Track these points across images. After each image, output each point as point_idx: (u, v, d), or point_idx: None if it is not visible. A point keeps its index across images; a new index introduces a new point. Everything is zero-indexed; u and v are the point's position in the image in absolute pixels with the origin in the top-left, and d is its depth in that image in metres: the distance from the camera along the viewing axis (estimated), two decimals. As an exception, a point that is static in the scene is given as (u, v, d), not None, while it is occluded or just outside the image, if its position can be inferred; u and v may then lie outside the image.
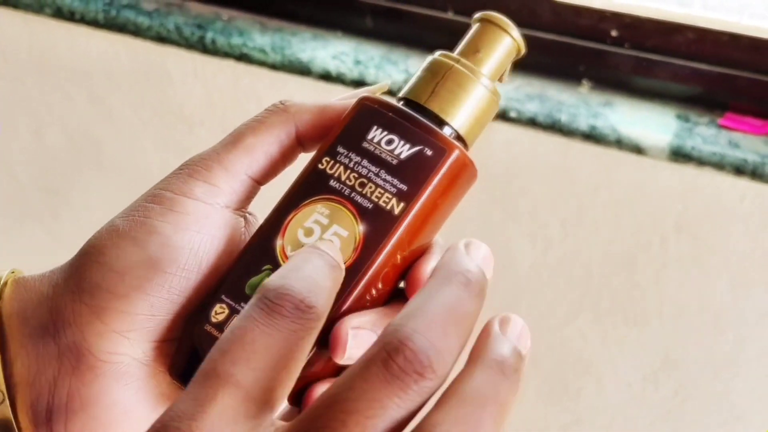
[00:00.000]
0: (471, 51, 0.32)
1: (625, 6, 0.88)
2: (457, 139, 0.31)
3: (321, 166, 0.30)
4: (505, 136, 0.91)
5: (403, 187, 0.29)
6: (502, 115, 0.88)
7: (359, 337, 0.28)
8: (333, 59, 0.94)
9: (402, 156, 0.29)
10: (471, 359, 0.23)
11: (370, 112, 0.31)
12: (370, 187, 0.29)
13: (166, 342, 0.30)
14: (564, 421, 1.11)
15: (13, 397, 0.29)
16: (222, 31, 0.98)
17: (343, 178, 0.30)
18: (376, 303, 0.30)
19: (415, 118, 0.30)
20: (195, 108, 1.08)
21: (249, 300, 0.28)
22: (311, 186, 0.30)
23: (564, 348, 1.04)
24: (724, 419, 1.01)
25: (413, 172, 0.29)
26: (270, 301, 0.23)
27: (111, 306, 0.29)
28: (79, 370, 0.29)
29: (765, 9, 0.87)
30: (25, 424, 0.29)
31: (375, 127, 0.30)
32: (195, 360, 0.28)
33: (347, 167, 0.30)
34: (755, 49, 0.85)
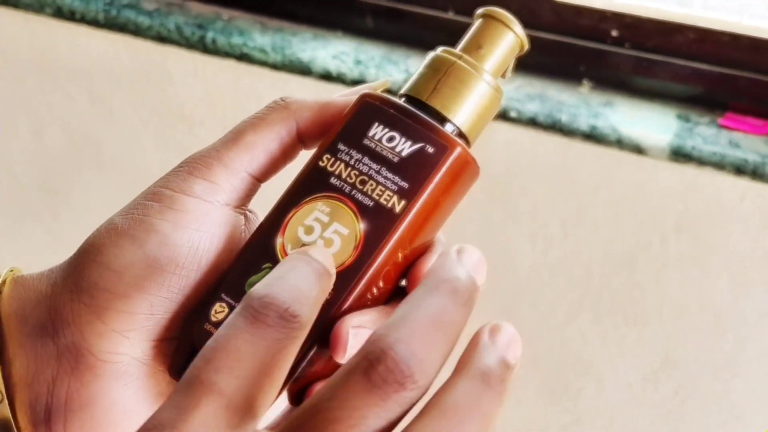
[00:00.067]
0: (473, 47, 0.31)
1: (626, 6, 0.88)
2: (459, 137, 0.31)
3: (322, 163, 0.30)
4: (506, 136, 0.91)
5: (405, 185, 0.29)
6: (502, 115, 0.88)
7: (360, 337, 0.28)
8: (333, 59, 0.94)
9: (403, 153, 0.29)
10: (456, 369, 0.23)
11: (371, 109, 0.30)
12: (371, 185, 0.29)
13: (165, 341, 0.30)
14: (564, 421, 1.11)
15: (12, 397, 0.29)
16: (222, 31, 0.98)
17: (344, 175, 0.29)
18: (377, 302, 0.29)
19: (417, 115, 0.30)
20: (195, 108, 1.08)
21: None
22: (312, 183, 0.30)
23: (564, 348, 1.04)
24: (724, 419, 1.01)
25: (415, 169, 0.29)
26: (254, 310, 0.23)
27: (110, 305, 0.29)
28: (78, 370, 0.29)
29: (765, 9, 0.87)
30: (24, 424, 0.29)
31: (376, 124, 0.30)
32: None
33: (348, 165, 0.29)
34: (755, 49, 0.85)
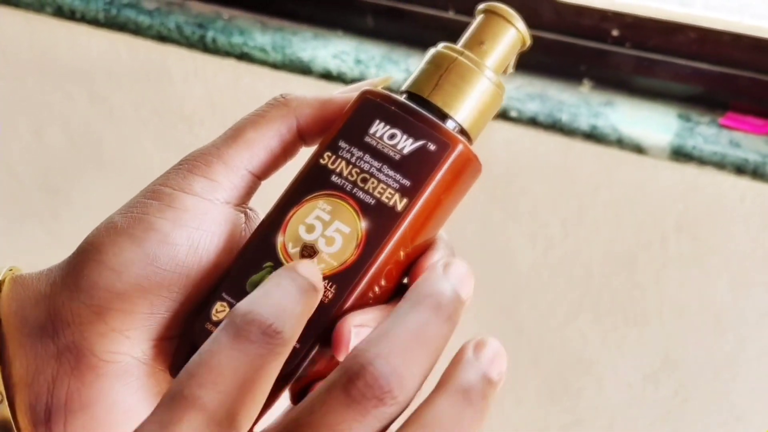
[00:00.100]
0: (475, 43, 0.31)
1: (627, 6, 0.88)
2: (461, 133, 0.30)
3: (322, 161, 0.30)
4: (506, 135, 0.91)
5: (406, 183, 0.28)
6: (502, 115, 0.88)
7: (362, 335, 0.27)
8: (334, 58, 0.94)
9: (405, 151, 0.29)
10: (438, 385, 0.23)
11: (372, 105, 0.30)
12: (372, 183, 0.29)
13: (165, 340, 0.30)
14: (564, 422, 1.11)
15: (12, 398, 0.29)
16: (223, 30, 0.98)
17: (345, 173, 0.29)
18: (378, 300, 0.29)
19: (418, 111, 0.30)
20: (196, 107, 1.08)
21: None
22: (312, 181, 0.29)
23: (564, 348, 1.04)
24: (724, 419, 1.01)
25: (416, 167, 0.29)
26: (238, 326, 0.23)
27: (110, 304, 0.28)
28: (79, 370, 0.29)
29: (766, 9, 0.87)
30: (24, 424, 0.29)
31: (377, 122, 0.30)
32: None
33: (349, 162, 0.29)
34: (756, 49, 0.85)
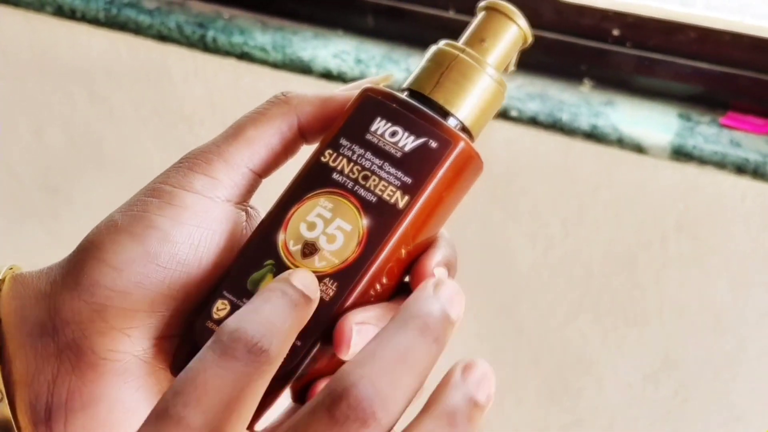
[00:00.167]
0: (476, 40, 0.31)
1: (627, 5, 0.88)
2: (463, 131, 0.30)
3: (324, 158, 0.30)
4: (506, 135, 0.90)
5: (408, 180, 0.28)
6: (503, 114, 0.88)
7: (363, 333, 0.27)
8: (334, 58, 0.94)
9: (406, 148, 0.29)
10: (424, 407, 0.23)
11: (373, 103, 0.30)
12: (373, 180, 0.29)
13: (166, 339, 0.30)
14: (564, 422, 1.11)
15: (12, 397, 0.29)
16: (223, 30, 0.98)
17: (347, 171, 0.29)
18: (380, 298, 0.29)
19: (420, 109, 0.30)
20: (196, 107, 1.08)
21: (251, 296, 0.28)
22: (314, 179, 0.29)
23: (564, 348, 1.04)
24: (724, 419, 1.01)
25: (418, 164, 0.29)
26: (224, 344, 0.23)
27: (110, 303, 0.28)
28: (79, 368, 0.29)
29: (767, 9, 0.87)
30: (25, 423, 0.29)
31: (378, 119, 0.30)
32: None
33: (350, 160, 0.29)
34: (757, 49, 0.85)
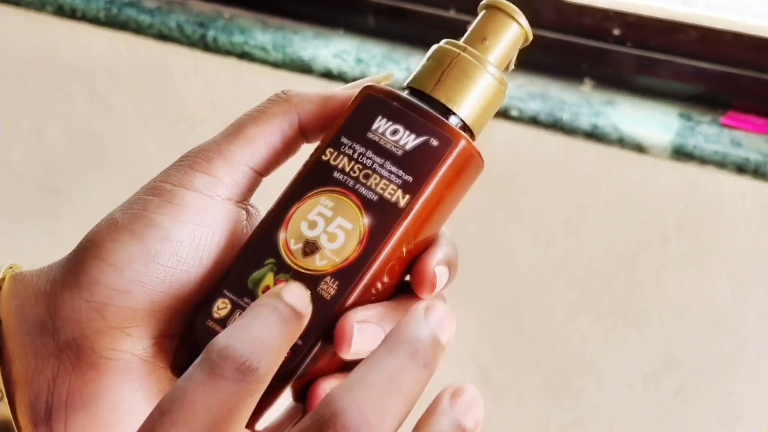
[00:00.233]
0: (477, 38, 0.31)
1: (628, 5, 0.88)
2: (464, 129, 0.30)
3: (325, 157, 0.30)
4: (507, 134, 0.90)
5: (409, 179, 0.28)
6: (503, 114, 0.88)
7: (364, 331, 0.27)
8: (335, 57, 0.94)
9: (407, 147, 0.29)
10: None
11: (374, 101, 0.30)
12: (374, 179, 0.29)
13: (167, 338, 0.30)
14: (564, 422, 1.11)
15: (12, 396, 0.29)
16: (223, 29, 0.98)
17: (348, 169, 0.29)
18: (381, 297, 0.29)
19: (421, 107, 0.30)
20: (196, 106, 1.08)
21: (251, 295, 0.28)
22: (315, 178, 0.29)
23: (565, 348, 1.04)
24: (724, 419, 1.01)
25: (419, 163, 0.29)
26: (212, 362, 0.23)
27: (111, 301, 0.28)
28: (79, 367, 0.28)
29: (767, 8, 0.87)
30: (25, 423, 0.29)
31: (379, 117, 0.30)
32: (196, 356, 0.28)
33: (351, 158, 0.29)
34: (758, 48, 0.85)
